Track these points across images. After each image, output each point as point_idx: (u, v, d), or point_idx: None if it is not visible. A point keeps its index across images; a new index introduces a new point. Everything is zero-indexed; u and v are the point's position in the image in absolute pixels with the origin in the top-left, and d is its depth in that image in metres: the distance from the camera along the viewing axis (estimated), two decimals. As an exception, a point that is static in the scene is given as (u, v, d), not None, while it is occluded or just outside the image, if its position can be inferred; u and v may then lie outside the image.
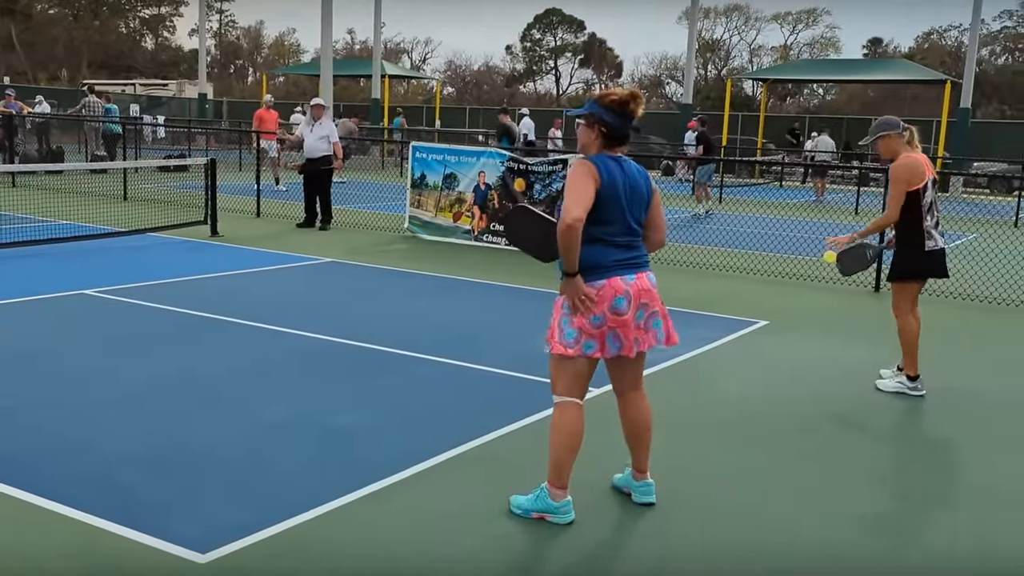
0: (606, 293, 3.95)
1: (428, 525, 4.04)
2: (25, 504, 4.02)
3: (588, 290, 3.94)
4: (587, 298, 3.93)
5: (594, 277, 3.96)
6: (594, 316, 3.94)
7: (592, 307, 3.95)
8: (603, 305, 3.94)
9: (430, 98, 56.18)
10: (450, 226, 13.02)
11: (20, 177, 18.06)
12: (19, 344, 6.75)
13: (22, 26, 59.06)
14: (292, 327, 7.43)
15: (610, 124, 4.02)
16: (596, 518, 4.18)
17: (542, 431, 5.14)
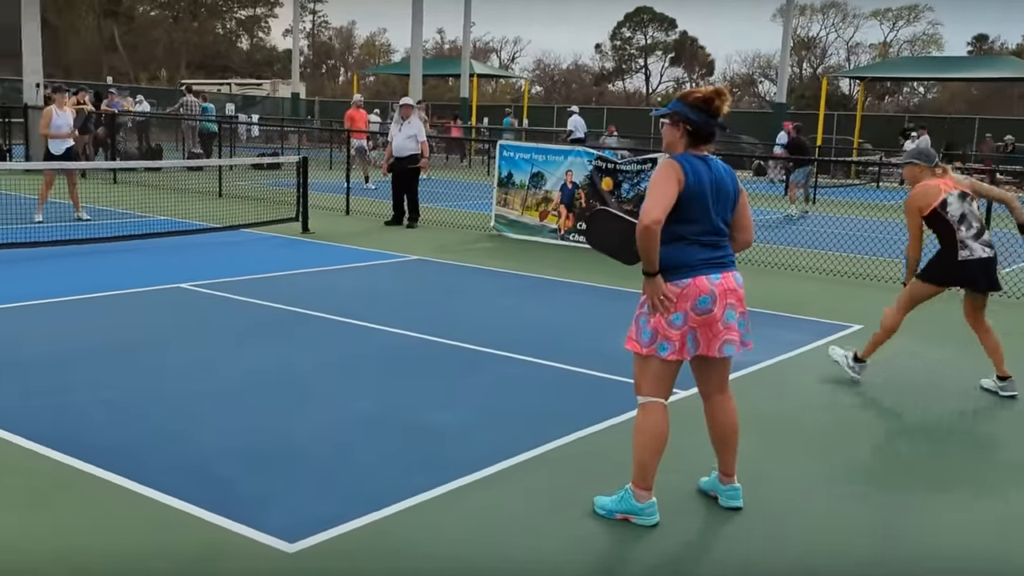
0: (690, 292, 3.92)
1: (511, 524, 4.05)
2: (126, 491, 4.16)
3: (670, 289, 3.92)
4: (666, 298, 3.91)
5: (679, 276, 3.93)
6: (675, 315, 3.92)
7: (671, 306, 3.92)
8: (686, 304, 3.92)
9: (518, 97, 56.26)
10: (536, 225, 13.03)
11: (121, 174, 18.68)
12: (120, 336, 6.98)
13: (124, 28, 61.11)
14: (380, 323, 7.53)
15: (695, 122, 3.99)
16: (681, 521, 4.14)
17: (627, 432, 5.12)
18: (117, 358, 6.32)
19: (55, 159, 12.60)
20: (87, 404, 5.31)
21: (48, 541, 3.69)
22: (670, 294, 3.92)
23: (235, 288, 8.72)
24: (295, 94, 42.37)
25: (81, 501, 4.07)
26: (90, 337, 6.88)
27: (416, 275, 10.29)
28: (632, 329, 4.08)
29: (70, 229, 11.43)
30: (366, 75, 59.99)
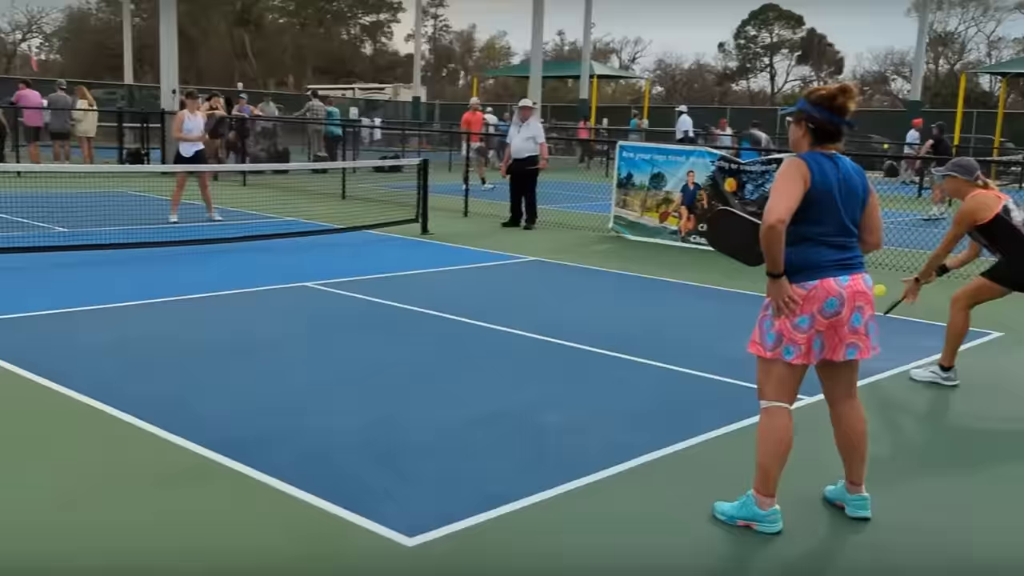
0: (817, 294, 3.81)
1: (628, 527, 4.00)
2: (251, 479, 4.29)
3: (796, 291, 3.80)
4: (792, 300, 3.79)
5: (806, 277, 3.82)
6: (801, 318, 3.81)
7: (797, 309, 3.80)
8: (812, 306, 3.80)
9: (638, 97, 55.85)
10: (656, 226, 12.87)
11: (250, 176, 19.31)
12: (248, 332, 7.20)
13: (254, 35, 63.29)
14: (497, 323, 7.55)
15: (819, 120, 3.87)
16: (805, 530, 4.01)
17: (747, 438, 4.99)
18: (245, 353, 6.52)
19: (185, 161, 13.10)
20: (216, 396, 5.49)
21: (177, 524, 3.83)
22: (796, 296, 3.81)
23: (357, 287, 8.89)
24: (416, 98, 43.07)
25: (208, 489, 4.21)
26: (220, 333, 7.12)
27: (533, 276, 10.29)
28: (755, 332, 3.97)
29: (203, 229, 11.87)
30: (485, 78, 60.52)
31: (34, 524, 3.80)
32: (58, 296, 8.00)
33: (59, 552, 3.59)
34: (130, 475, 4.33)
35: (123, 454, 4.57)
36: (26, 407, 5.23)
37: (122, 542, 3.67)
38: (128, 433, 4.84)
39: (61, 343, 6.59)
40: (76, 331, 6.95)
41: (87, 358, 6.21)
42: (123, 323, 7.25)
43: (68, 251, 9.80)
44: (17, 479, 4.25)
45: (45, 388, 5.49)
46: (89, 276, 9.00)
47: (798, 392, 3.98)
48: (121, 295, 8.07)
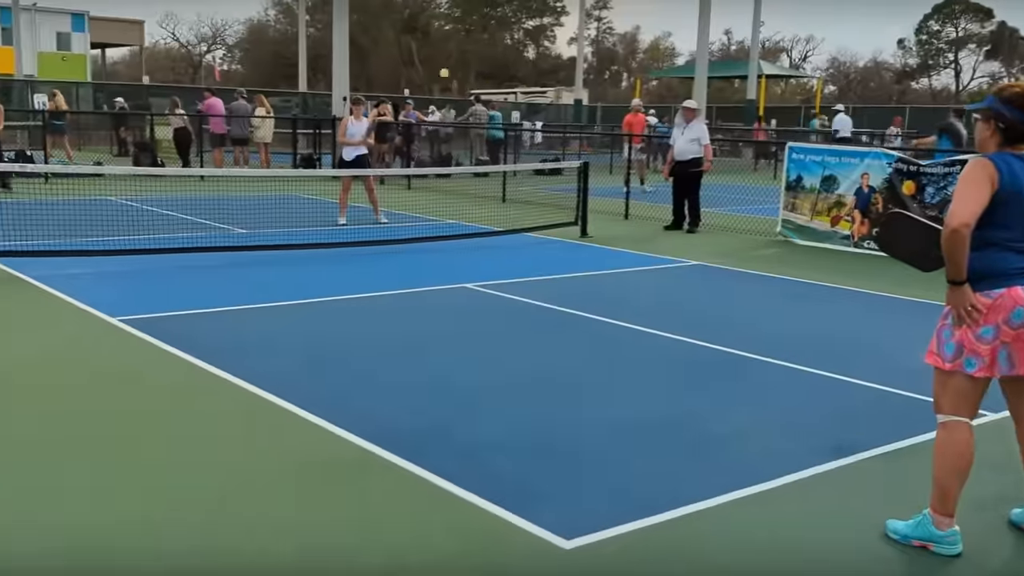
0: (1003, 303, 3.56)
1: (792, 542, 3.86)
2: (411, 475, 4.36)
3: (979, 300, 3.56)
4: (975, 309, 3.55)
5: (990, 286, 3.58)
6: (984, 328, 3.57)
7: (980, 318, 3.56)
8: (997, 316, 3.56)
9: (809, 97, 54.16)
10: (827, 231, 12.38)
11: (414, 180, 19.77)
12: (411, 331, 7.36)
13: (421, 42, 64.95)
14: (658, 328, 7.43)
15: (1009, 120, 3.62)
16: (987, 553, 3.76)
17: (922, 454, 4.72)
18: (408, 351, 6.65)
19: (346, 165, 13.46)
20: (380, 393, 5.63)
21: (338, 517, 3.93)
22: (980, 305, 3.56)
23: (516, 289, 8.93)
24: (578, 100, 43.11)
25: (369, 482, 4.31)
26: (385, 331, 7.30)
27: (696, 281, 10.07)
28: (933, 342, 3.74)
29: (370, 231, 12.20)
30: (649, 79, 60.02)
31: (196, 519, 3.98)
32: (235, 294, 8.41)
33: (224, 547, 3.75)
34: (294, 467, 4.48)
35: (289, 445, 4.74)
36: (202, 396, 5.49)
37: (284, 536, 3.79)
38: (294, 425, 5.01)
39: (238, 338, 6.91)
40: (252, 327, 7.28)
41: (261, 353, 6.48)
42: (293, 320, 7.53)
43: (246, 251, 10.28)
44: (183, 471, 4.45)
45: (221, 379, 5.75)
46: (264, 275, 9.40)
47: (979, 407, 3.73)
48: (292, 293, 8.38)
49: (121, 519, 3.85)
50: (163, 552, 3.59)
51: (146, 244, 10.27)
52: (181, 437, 4.84)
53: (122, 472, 4.35)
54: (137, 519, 3.85)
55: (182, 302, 7.94)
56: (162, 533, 3.74)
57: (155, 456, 4.55)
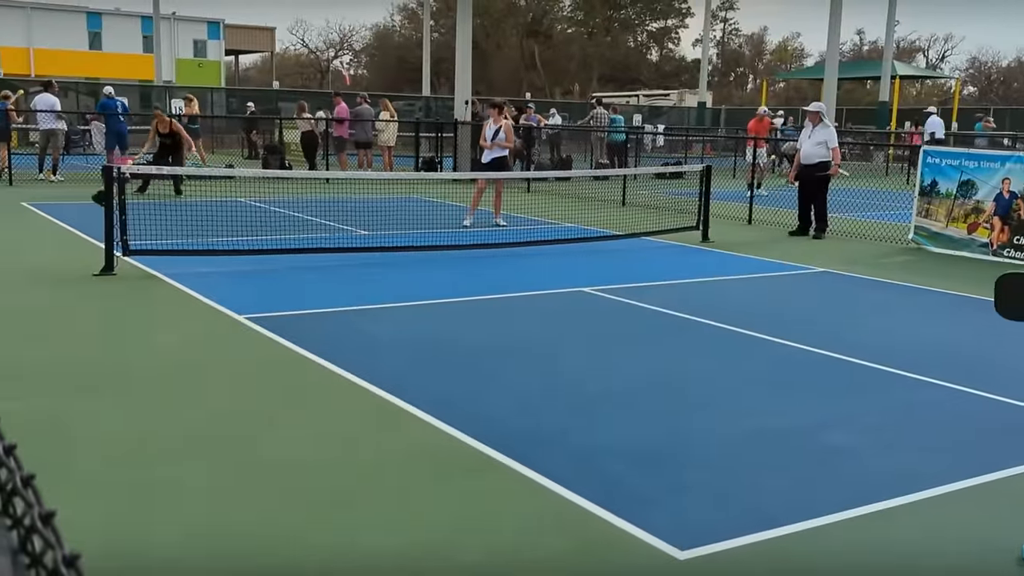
0: None
1: (914, 560, 3.70)
2: (527, 479, 4.34)
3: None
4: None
5: None
6: None
7: None
8: None
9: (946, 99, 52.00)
10: (963, 238, 11.82)
11: (534, 183, 19.81)
12: (528, 334, 7.37)
13: (543, 46, 65.14)
14: (782, 336, 7.21)
15: None
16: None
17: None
18: (526, 354, 6.66)
19: (482, 168, 13.58)
20: (496, 395, 5.64)
21: (455, 517, 3.94)
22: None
23: (634, 294, 8.81)
24: (701, 103, 42.50)
25: (484, 484, 4.31)
26: (503, 334, 7.33)
27: (822, 288, 9.75)
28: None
29: (490, 234, 12.26)
30: (776, 81, 58.68)
31: (314, 517, 4.04)
32: (357, 294, 8.58)
33: (334, 544, 3.79)
34: (408, 466, 4.51)
35: (404, 444, 4.78)
36: (322, 394, 5.60)
37: (393, 533, 3.82)
38: (411, 424, 5.05)
39: (358, 337, 7.03)
40: (372, 326, 7.40)
41: (380, 352, 6.58)
42: (413, 320, 7.63)
43: (368, 252, 10.46)
44: (299, 469, 4.53)
45: (342, 378, 5.85)
46: (385, 276, 9.55)
47: None
48: (412, 294, 8.49)
49: (235, 518, 3.94)
50: (272, 549, 3.66)
51: (273, 244, 10.56)
52: (299, 435, 4.93)
53: (243, 470, 4.46)
54: (252, 517, 3.94)
55: (306, 301, 8.13)
56: (275, 530, 3.81)
57: (274, 454, 4.65)
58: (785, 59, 72.96)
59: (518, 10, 66.03)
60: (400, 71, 62.85)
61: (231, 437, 4.84)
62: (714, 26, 65.20)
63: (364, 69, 71.73)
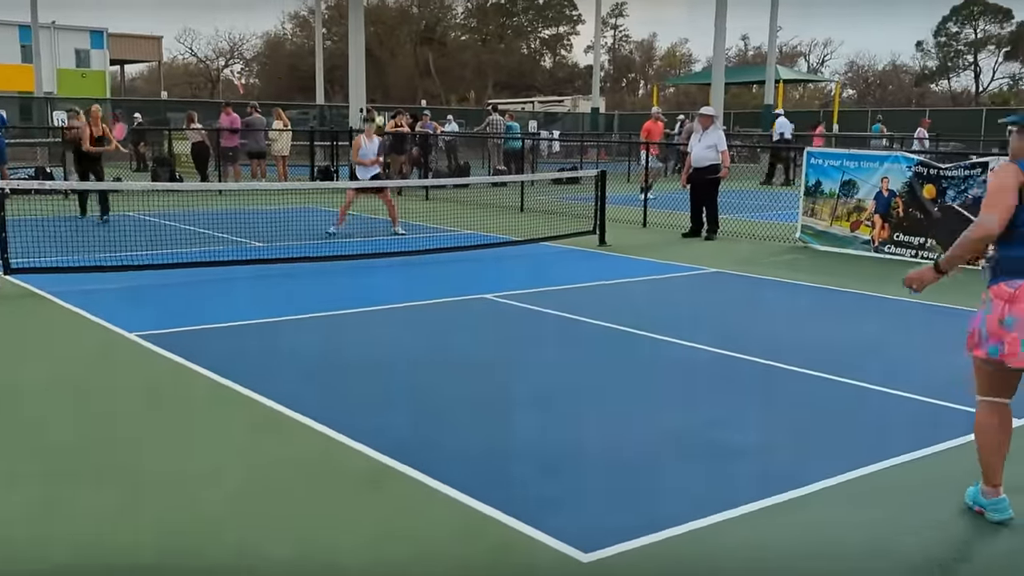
0: (1022, 294, 3.78)
1: (818, 549, 3.82)
2: (426, 487, 4.32)
3: (1002, 289, 3.82)
4: (921, 283, 4.03)
5: (1012, 277, 3.83)
6: (1009, 317, 3.80)
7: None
8: (1018, 305, 3.78)
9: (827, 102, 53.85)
10: (847, 236, 12.26)
11: (432, 191, 19.77)
12: (429, 342, 7.33)
13: (437, 53, 65.11)
14: (676, 337, 7.36)
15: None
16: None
17: (949, 462, 4.70)
18: (424, 363, 6.62)
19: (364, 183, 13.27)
20: (394, 404, 5.59)
21: (354, 529, 3.90)
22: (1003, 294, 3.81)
23: (535, 299, 8.88)
24: (595, 109, 43.08)
25: (384, 494, 4.27)
26: (401, 343, 7.28)
27: (714, 288, 9.99)
28: (972, 333, 3.98)
29: (387, 243, 12.18)
30: (666, 86, 59.88)
31: (204, 526, 3.95)
32: (253, 307, 8.39)
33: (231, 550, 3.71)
34: (306, 477, 4.45)
35: (302, 456, 4.71)
36: (217, 409, 5.48)
37: (288, 543, 3.76)
38: (312, 437, 4.98)
39: (254, 351, 6.89)
40: (269, 340, 7.26)
41: (277, 366, 6.46)
42: (311, 333, 7.52)
43: (264, 264, 10.28)
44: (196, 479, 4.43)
45: (237, 392, 5.73)
46: (281, 288, 9.40)
47: (1013, 390, 3.99)
48: (310, 306, 8.37)
49: (137, 525, 3.83)
50: (166, 551, 3.57)
51: (164, 259, 10.29)
52: (195, 448, 4.81)
53: (139, 482, 4.33)
54: (150, 524, 3.83)
55: (199, 316, 7.93)
56: (170, 537, 3.72)
57: (170, 467, 4.53)
58: (674, 64, 74.53)
59: (411, 17, 65.85)
60: (293, 79, 61.95)
61: (125, 449, 4.69)
62: (605, 33, 66.21)
63: (256, 78, 70.45)
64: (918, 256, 11.37)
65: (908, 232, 11.63)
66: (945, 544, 3.88)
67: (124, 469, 4.56)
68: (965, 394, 5.14)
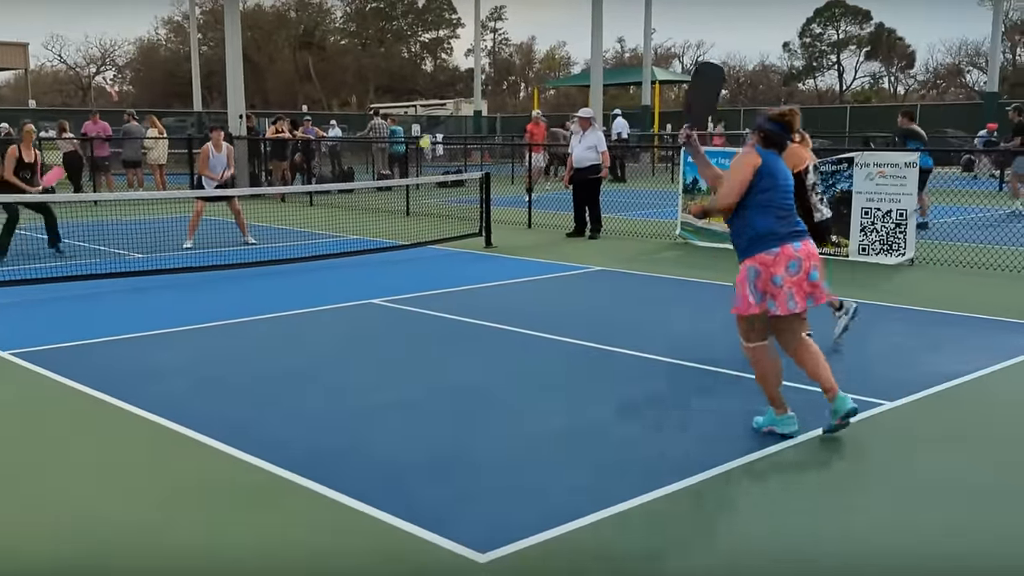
0: (780, 259, 4.80)
1: (701, 538, 3.95)
2: (321, 497, 4.31)
3: (764, 257, 4.86)
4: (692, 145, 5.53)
5: (770, 245, 4.85)
6: (775, 276, 4.79)
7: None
8: (780, 267, 4.79)
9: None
10: (724, 231, 12.62)
11: (316, 196, 19.56)
12: (314, 350, 7.27)
13: (317, 57, 64.28)
14: (563, 335, 7.50)
15: (767, 129, 5.06)
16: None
17: (830, 444, 4.89)
18: (313, 372, 6.57)
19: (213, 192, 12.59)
20: (286, 416, 5.53)
21: (252, 542, 3.86)
22: (767, 261, 4.86)
23: (423, 303, 8.90)
24: (477, 112, 43.28)
25: (282, 507, 4.23)
26: (289, 352, 7.19)
27: (599, 286, 10.20)
28: (739, 298, 4.92)
29: (270, 251, 12.00)
30: (546, 89, 60.53)
31: (116, 541, 3.85)
32: (132, 320, 8.14)
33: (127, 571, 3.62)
34: (197, 493, 4.38)
35: (197, 473, 4.63)
36: (99, 426, 5.32)
37: (200, 561, 3.71)
38: (201, 452, 4.90)
39: (135, 365, 6.69)
40: (150, 353, 7.06)
41: (160, 380, 6.30)
42: (193, 345, 7.36)
43: (142, 276, 10.01)
44: (90, 499, 4.31)
45: (119, 408, 5.58)
46: (162, 299, 9.16)
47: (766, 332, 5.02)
48: (192, 317, 8.19)
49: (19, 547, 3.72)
50: None
51: (36, 273, 9.92)
52: (80, 465, 4.69)
53: (20, 502, 4.20)
54: (38, 546, 3.72)
55: (77, 332, 7.67)
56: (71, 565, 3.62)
57: (55, 484, 4.40)
58: (554, 67, 75.41)
59: (289, 22, 64.82)
60: (169, 86, 60.19)
61: (4, 470, 4.54)
62: (484, 36, 66.55)
63: (130, 85, 68.22)
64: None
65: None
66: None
67: (7, 491, 4.41)
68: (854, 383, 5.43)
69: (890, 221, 11.10)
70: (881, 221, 11.16)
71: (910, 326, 7.97)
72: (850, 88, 66.60)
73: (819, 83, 69.47)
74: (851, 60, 67.69)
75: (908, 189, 10.98)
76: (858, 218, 11.33)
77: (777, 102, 48.08)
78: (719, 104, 23.67)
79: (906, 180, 10.99)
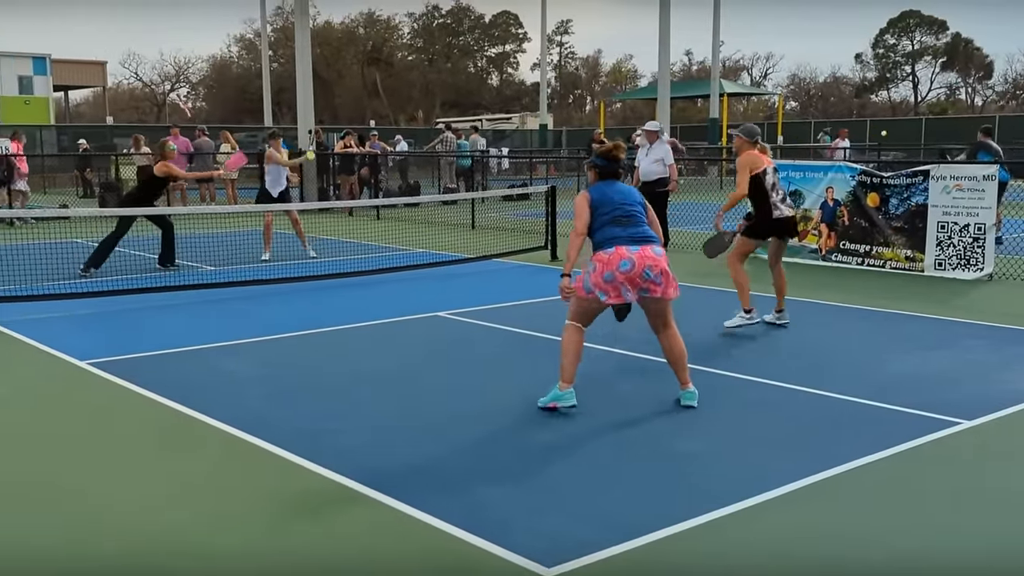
0: (613, 258, 5.60)
1: (773, 560, 3.87)
2: (391, 509, 4.32)
3: (600, 256, 5.70)
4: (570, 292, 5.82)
5: (607, 246, 5.68)
6: (607, 273, 5.59)
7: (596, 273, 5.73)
8: (613, 265, 5.57)
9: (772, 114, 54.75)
10: (795, 245, 12.45)
11: (383, 210, 19.76)
12: (384, 362, 7.32)
13: (385, 73, 65.12)
14: (629, 349, 7.42)
15: (600, 165, 6.08)
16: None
17: (898, 466, 4.82)
18: (382, 383, 6.62)
19: (271, 200, 12.93)
20: (356, 427, 5.58)
21: (321, 552, 3.88)
22: (602, 259, 5.69)
23: (488, 316, 8.92)
24: (543, 125, 43.35)
25: (348, 517, 4.27)
26: (358, 364, 7.26)
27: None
28: (578, 284, 5.74)
29: (340, 263, 12.13)
30: (612, 102, 60.43)
31: (181, 550, 3.91)
32: (207, 331, 8.31)
33: None
34: (267, 503, 4.43)
35: (263, 482, 4.69)
36: (176, 437, 5.43)
37: (251, 565, 3.74)
38: (269, 462, 4.96)
39: (210, 376, 6.82)
40: (224, 364, 7.19)
41: (236, 391, 6.42)
42: (267, 356, 7.47)
43: (216, 288, 10.20)
44: (162, 509, 4.39)
45: (194, 419, 5.69)
46: (235, 311, 9.33)
47: (592, 321, 5.87)
48: (265, 329, 8.32)
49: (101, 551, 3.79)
50: None
51: (115, 285, 10.17)
52: (156, 476, 4.77)
53: (101, 511, 4.29)
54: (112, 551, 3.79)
55: (153, 342, 7.84)
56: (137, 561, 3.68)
57: (131, 495, 4.49)
58: (620, 80, 75.31)
59: (357, 39, 65.88)
60: (240, 102, 61.55)
61: (84, 479, 4.65)
62: (551, 50, 66.73)
63: (203, 101, 69.88)
64: (864, 264, 11.60)
65: (854, 240, 11.87)
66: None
67: (86, 506, 4.51)
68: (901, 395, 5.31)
69: (968, 235, 10.82)
70: (959, 235, 10.88)
71: (989, 342, 7.74)
72: (925, 100, 65.27)
73: (893, 95, 68.24)
74: (926, 71, 66.41)
75: (987, 202, 10.70)
76: (934, 232, 11.07)
77: (849, 114, 47.41)
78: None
79: (984, 193, 10.71)
